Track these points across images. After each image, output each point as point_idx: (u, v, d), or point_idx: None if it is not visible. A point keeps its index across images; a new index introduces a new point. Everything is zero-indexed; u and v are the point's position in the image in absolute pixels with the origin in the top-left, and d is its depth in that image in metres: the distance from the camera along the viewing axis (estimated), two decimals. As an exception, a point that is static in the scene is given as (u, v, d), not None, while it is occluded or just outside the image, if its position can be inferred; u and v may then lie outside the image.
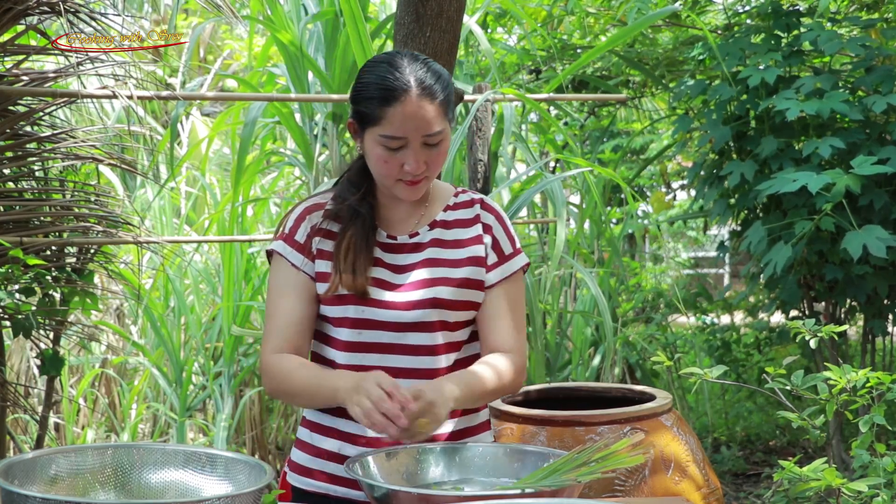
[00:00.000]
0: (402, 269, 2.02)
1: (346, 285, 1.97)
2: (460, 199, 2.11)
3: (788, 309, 4.72)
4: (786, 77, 4.36)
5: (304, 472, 2.07)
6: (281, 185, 6.14)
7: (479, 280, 2.04)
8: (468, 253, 2.04)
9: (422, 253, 2.03)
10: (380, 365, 1.98)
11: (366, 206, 2.04)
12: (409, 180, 1.96)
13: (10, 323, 3.06)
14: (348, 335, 2.00)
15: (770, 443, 5.71)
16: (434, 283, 1.99)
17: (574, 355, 5.25)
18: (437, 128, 1.93)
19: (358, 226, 2.02)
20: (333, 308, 2.00)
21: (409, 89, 1.91)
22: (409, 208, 2.08)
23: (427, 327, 1.99)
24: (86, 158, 3.24)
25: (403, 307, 1.98)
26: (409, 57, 1.97)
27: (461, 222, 2.07)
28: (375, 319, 1.98)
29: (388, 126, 1.92)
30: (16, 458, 1.50)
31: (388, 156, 1.94)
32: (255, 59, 5.39)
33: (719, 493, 2.90)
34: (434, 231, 2.06)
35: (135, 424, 5.02)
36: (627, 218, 6.06)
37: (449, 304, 2.00)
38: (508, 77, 5.91)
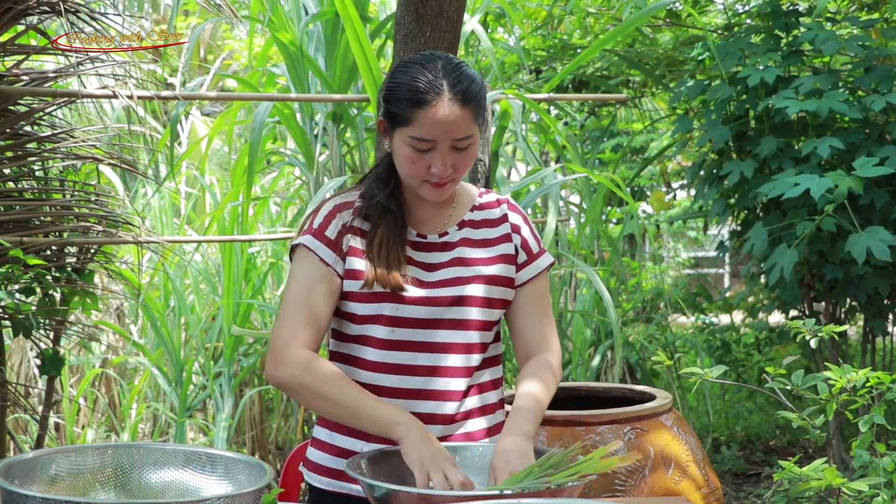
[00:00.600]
0: (434, 268, 2.03)
1: (382, 280, 1.97)
2: (485, 199, 2.14)
3: (788, 309, 4.72)
4: (785, 77, 4.36)
5: (325, 471, 2.07)
6: (281, 184, 6.14)
7: (510, 278, 2.07)
8: (498, 251, 2.07)
9: (452, 252, 2.05)
10: (412, 364, 1.99)
11: (395, 203, 2.05)
12: (436, 182, 1.97)
13: (11, 323, 3.06)
14: (384, 333, 2.01)
15: (770, 443, 5.71)
16: (467, 280, 2.01)
17: (574, 355, 5.25)
18: (466, 132, 1.94)
19: (389, 222, 2.03)
20: (367, 306, 2.00)
21: (441, 93, 1.91)
22: (437, 208, 2.09)
23: (460, 325, 2.01)
24: (86, 158, 3.24)
25: (439, 303, 1.99)
26: (443, 60, 1.97)
27: (489, 222, 2.10)
28: (411, 317, 1.99)
29: (418, 128, 1.92)
30: (16, 457, 1.50)
31: (416, 157, 1.95)
32: (255, 58, 5.39)
33: (719, 493, 2.90)
34: (463, 231, 2.08)
35: (135, 424, 5.02)
36: (627, 218, 6.06)
37: (482, 301, 2.02)
38: (508, 77, 5.91)
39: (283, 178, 5.97)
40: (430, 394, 2.00)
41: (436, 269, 2.03)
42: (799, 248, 4.06)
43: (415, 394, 1.99)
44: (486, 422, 2.08)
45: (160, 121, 6.15)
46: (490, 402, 2.09)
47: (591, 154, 6.12)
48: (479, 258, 2.05)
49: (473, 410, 2.05)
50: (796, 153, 4.27)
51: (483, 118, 2.01)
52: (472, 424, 2.05)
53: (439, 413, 2.00)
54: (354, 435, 2.03)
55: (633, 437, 2.79)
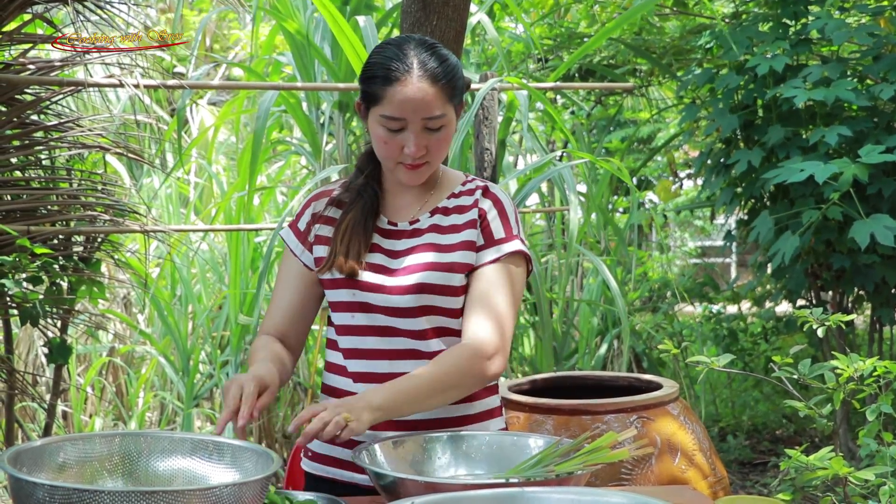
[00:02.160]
0: (399, 255, 2.02)
1: (338, 266, 1.98)
2: (466, 186, 2.10)
3: (795, 298, 4.71)
4: (793, 65, 4.35)
5: (317, 457, 2.08)
6: (287, 174, 6.14)
7: (467, 264, 2.01)
8: (461, 237, 2.02)
9: (419, 238, 2.03)
10: (378, 347, 1.99)
11: (369, 191, 2.05)
12: (410, 164, 1.96)
13: (18, 311, 3.07)
14: (342, 318, 2.02)
15: (776, 432, 5.71)
16: (424, 268, 1.99)
17: (581, 344, 5.25)
18: (436, 112, 1.92)
19: (359, 209, 2.03)
20: (330, 292, 2.03)
21: (409, 70, 1.91)
22: (414, 195, 2.07)
23: (415, 312, 1.98)
24: (92, 147, 3.24)
25: (394, 292, 1.98)
26: (417, 41, 1.97)
27: (460, 208, 2.06)
28: (368, 303, 1.99)
29: (388, 106, 1.92)
30: (24, 445, 1.50)
31: (388, 137, 1.94)
32: (261, 47, 5.38)
33: (726, 482, 2.90)
34: (434, 217, 2.05)
35: (142, 413, 5.03)
36: (634, 208, 6.05)
37: (437, 288, 1.98)
38: (515, 66, 5.89)
39: (289, 167, 5.97)
40: (393, 378, 1.97)
41: (400, 255, 2.02)
42: (804, 237, 4.05)
43: (380, 378, 1.98)
44: (464, 409, 2.03)
45: (166, 110, 6.15)
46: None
47: (598, 143, 6.11)
48: (444, 245, 2.01)
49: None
50: (804, 142, 4.26)
51: (459, 101, 1.99)
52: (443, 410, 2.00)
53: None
54: None
55: (640, 426, 2.79)
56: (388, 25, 4.66)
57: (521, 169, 4.62)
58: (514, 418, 2.89)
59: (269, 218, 5.57)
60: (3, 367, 3.18)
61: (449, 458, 1.88)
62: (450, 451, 1.88)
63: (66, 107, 3.42)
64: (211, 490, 1.34)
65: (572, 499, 1.40)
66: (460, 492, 1.44)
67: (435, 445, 1.88)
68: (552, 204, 5.96)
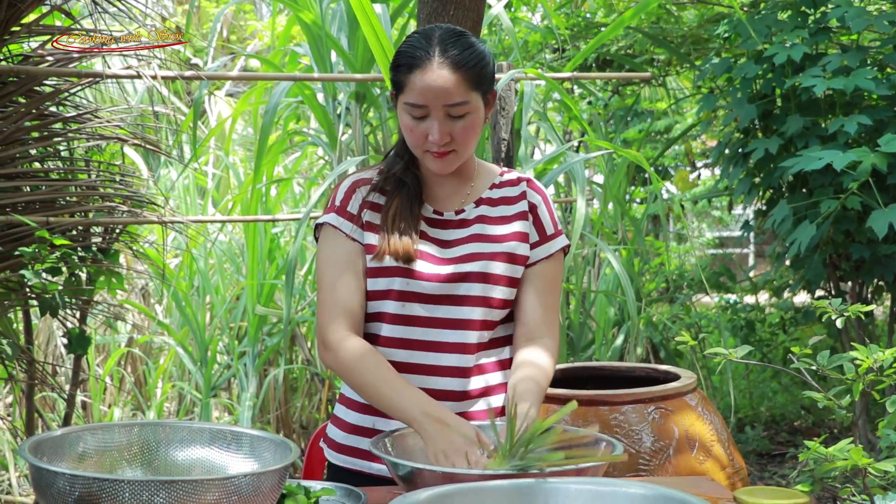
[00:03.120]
0: (448, 245, 2.02)
1: (393, 250, 1.97)
2: (506, 177, 2.12)
3: (814, 288, 4.68)
4: (812, 54, 4.31)
5: (340, 448, 2.08)
6: (304, 165, 6.15)
7: (522, 255, 2.04)
8: (513, 228, 2.04)
9: (468, 229, 2.04)
10: (422, 339, 1.99)
11: (410, 177, 2.06)
12: (436, 152, 1.96)
13: (38, 302, 3.09)
14: (394, 308, 2.01)
15: (795, 423, 5.69)
16: (480, 257, 2.00)
17: (597, 335, 5.24)
18: (457, 99, 1.91)
19: (403, 194, 2.03)
20: (378, 280, 2.01)
21: (431, 57, 1.91)
22: (455, 185, 2.08)
23: (470, 301, 1.99)
24: (111, 138, 3.25)
25: (449, 279, 1.98)
26: (445, 30, 1.97)
27: (507, 199, 2.08)
28: (421, 292, 1.99)
29: (410, 93, 1.93)
30: (44, 435, 1.51)
31: (413, 124, 1.95)
32: (278, 38, 5.39)
33: (744, 473, 2.89)
34: (480, 208, 2.06)
35: (160, 403, 5.06)
36: (651, 198, 6.02)
37: (494, 278, 2.00)
38: (532, 56, 5.88)
39: (306, 158, 5.97)
40: (437, 369, 1.99)
41: (451, 245, 2.02)
42: (822, 226, 4.02)
43: (422, 369, 1.99)
44: (482, 402, 2.05)
45: (184, 101, 6.17)
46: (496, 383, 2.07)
47: (615, 133, 6.09)
48: (495, 235, 2.03)
49: (484, 388, 2.04)
50: (823, 132, 4.23)
51: (487, 89, 1.98)
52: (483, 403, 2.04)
53: (447, 389, 2.00)
54: (365, 411, 2.04)
55: (658, 417, 2.78)
56: (405, 16, 4.65)
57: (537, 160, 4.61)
58: (532, 409, 2.88)
59: (286, 209, 5.58)
60: (23, 358, 3.20)
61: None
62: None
63: (84, 98, 3.43)
64: (230, 479, 1.35)
65: (591, 489, 1.40)
66: (478, 482, 1.44)
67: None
68: (569, 194, 5.95)
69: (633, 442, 2.73)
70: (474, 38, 1.99)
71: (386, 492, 1.83)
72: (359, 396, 2.04)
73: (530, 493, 1.40)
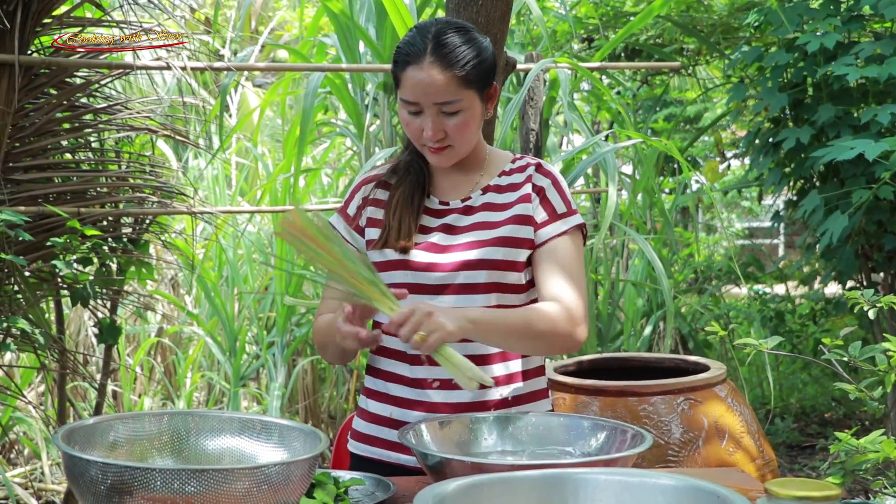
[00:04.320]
0: (454, 232, 2.02)
1: (392, 244, 1.99)
2: (517, 164, 2.10)
3: (845, 279, 4.64)
4: (845, 43, 4.27)
5: (362, 438, 2.09)
6: (332, 155, 6.16)
7: (522, 238, 2.01)
8: (513, 212, 2.02)
9: (472, 217, 2.03)
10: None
11: (415, 166, 2.07)
12: (433, 147, 1.96)
13: (69, 292, 3.11)
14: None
15: (825, 415, 5.65)
16: (482, 244, 1.99)
17: (626, 325, 5.22)
18: (447, 97, 1.90)
19: (407, 185, 2.05)
20: (383, 275, 2.00)
21: (422, 55, 1.90)
22: (462, 176, 2.08)
23: (475, 289, 1.98)
24: (140, 129, 3.27)
25: (451, 269, 1.98)
26: (443, 24, 1.95)
27: (513, 186, 2.06)
28: (425, 284, 1.99)
29: (403, 90, 1.93)
30: (77, 423, 1.52)
31: (409, 119, 1.96)
32: (306, 29, 5.39)
33: (774, 465, 2.88)
34: (487, 195, 2.05)
35: (190, 393, 5.09)
36: (680, 188, 5.99)
37: (494, 263, 1.98)
38: (560, 45, 5.85)
39: (334, 148, 5.99)
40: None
41: (456, 233, 2.02)
42: (854, 217, 3.99)
43: (430, 360, 1.99)
44: (526, 387, 2.04)
45: (212, 92, 6.19)
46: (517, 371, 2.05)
47: (644, 123, 6.05)
48: (496, 221, 2.02)
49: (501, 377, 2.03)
50: (855, 121, 4.18)
51: (483, 86, 1.96)
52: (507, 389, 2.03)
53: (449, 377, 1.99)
54: (383, 400, 2.05)
55: (687, 408, 2.77)
56: (433, 6, 4.64)
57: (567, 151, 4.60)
58: (561, 400, 2.88)
59: (314, 199, 5.60)
60: (55, 348, 3.23)
61: (496, 438, 1.88)
62: (496, 431, 1.88)
63: (114, 89, 3.45)
64: (260, 469, 1.35)
65: (620, 480, 1.39)
66: (507, 472, 1.44)
67: (481, 426, 1.88)
68: (597, 185, 5.93)
69: (662, 433, 2.72)
70: (475, 32, 1.97)
71: (414, 482, 1.84)
72: (378, 386, 2.06)
73: (559, 484, 1.40)
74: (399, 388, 2.02)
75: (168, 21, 3.44)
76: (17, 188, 3.00)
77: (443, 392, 1.98)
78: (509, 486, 1.39)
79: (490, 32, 2.78)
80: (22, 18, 2.89)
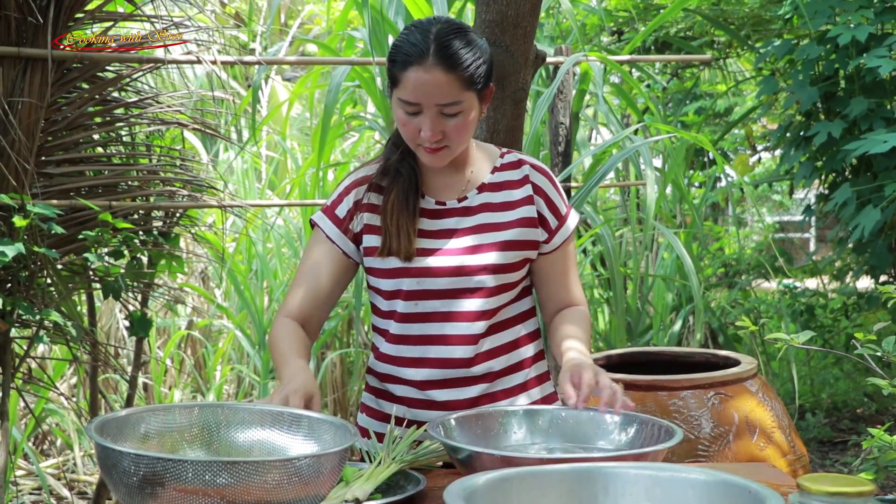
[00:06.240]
0: (453, 234, 2.01)
1: (395, 252, 1.98)
2: (507, 159, 2.09)
3: (878, 273, 4.60)
4: (878, 35, 4.22)
5: (374, 413, 2.11)
6: (361, 149, 6.17)
7: (531, 241, 2.03)
8: (518, 214, 2.03)
9: (472, 218, 2.02)
10: (435, 333, 2.00)
11: (406, 167, 2.04)
12: (428, 147, 1.94)
13: (101, 285, 3.14)
14: (404, 307, 2.01)
15: (857, 410, 5.60)
16: (486, 248, 1.99)
17: (655, 320, 5.20)
18: (449, 99, 1.89)
19: (400, 187, 2.02)
20: (386, 281, 2.01)
21: (425, 56, 1.87)
22: (452, 173, 2.06)
23: (479, 292, 1.99)
24: (171, 123, 3.29)
25: (455, 273, 1.98)
26: (443, 24, 1.93)
27: (510, 184, 2.06)
28: (431, 289, 1.99)
29: (403, 90, 1.90)
30: (109, 415, 1.54)
31: (406, 119, 1.93)
32: (335, 22, 5.40)
33: (805, 461, 2.86)
34: (483, 195, 2.04)
35: (220, 386, 5.12)
36: (710, 182, 5.95)
37: (502, 267, 1.99)
38: (589, 39, 5.83)
39: (363, 142, 5.99)
40: (445, 362, 2.01)
41: (456, 235, 2.01)
42: (887, 210, 3.94)
43: (433, 363, 2.01)
44: (521, 377, 2.07)
45: (242, 85, 6.22)
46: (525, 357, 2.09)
47: (674, 117, 6.02)
48: (500, 223, 2.02)
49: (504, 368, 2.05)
50: (888, 113, 4.14)
51: (483, 86, 1.94)
52: (537, 392, 2.06)
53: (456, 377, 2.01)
54: (383, 397, 2.09)
55: (717, 403, 2.76)
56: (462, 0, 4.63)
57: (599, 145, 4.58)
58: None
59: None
60: (87, 340, 3.25)
61: (524, 432, 1.88)
62: (525, 425, 1.88)
63: (145, 84, 3.47)
64: (291, 461, 1.36)
65: (650, 474, 1.39)
66: (536, 466, 1.44)
67: (511, 420, 1.88)
68: (626, 178, 5.90)
69: (692, 428, 2.71)
70: (473, 33, 1.95)
71: (443, 475, 1.84)
72: (375, 382, 2.10)
73: (589, 478, 1.40)
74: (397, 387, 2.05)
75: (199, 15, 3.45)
76: (50, 182, 3.03)
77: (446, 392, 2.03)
78: (539, 480, 1.39)
79: (520, 26, 2.77)
80: (55, 13, 2.91)
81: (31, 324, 3.00)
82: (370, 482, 1.67)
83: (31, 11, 2.83)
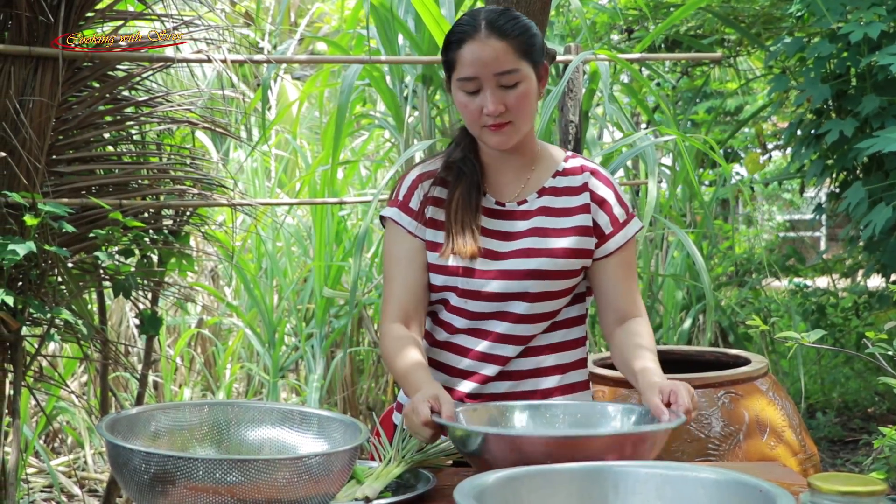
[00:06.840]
0: (510, 237, 2.02)
1: (459, 251, 1.99)
2: (570, 164, 2.10)
3: (889, 272, 4.58)
4: (890, 32, 4.20)
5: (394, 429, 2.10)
6: (371, 147, 6.17)
7: (586, 249, 2.04)
8: (575, 222, 2.04)
9: (529, 221, 2.03)
10: (492, 330, 2.01)
11: (469, 164, 2.06)
12: (492, 124, 1.96)
13: (111, 283, 3.14)
14: (457, 302, 2.03)
15: (868, 410, 5.59)
16: (539, 253, 2.00)
17: (665, 319, 5.19)
18: (507, 66, 1.93)
19: (463, 185, 2.04)
20: (440, 277, 2.03)
21: (478, 29, 1.93)
22: (516, 171, 2.07)
23: (530, 297, 2.00)
24: (181, 122, 3.29)
25: (507, 277, 1.98)
26: (489, 7, 2.00)
27: (570, 190, 2.06)
28: (480, 290, 2.00)
29: (461, 68, 1.95)
30: (120, 413, 1.54)
31: (468, 101, 1.96)
32: (345, 21, 5.40)
33: (816, 460, 2.85)
34: (542, 199, 2.05)
35: (229, 384, 5.13)
36: (720, 180, 5.93)
37: (552, 274, 2.00)
38: (599, 37, 5.82)
39: (372, 140, 6.00)
40: (496, 359, 2.02)
41: (512, 238, 2.02)
42: (899, 209, 3.93)
43: (483, 357, 2.02)
44: (555, 381, 2.07)
45: (251, 85, 6.22)
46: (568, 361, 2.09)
47: (684, 116, 6.00)
48: (556, 229, 2.03)
49: (549, 368, 2.05)
50: (900, 112, 4.12)
51: (537, 60, 1.98)
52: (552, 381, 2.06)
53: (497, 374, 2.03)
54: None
55: (728, 402, 2.75)
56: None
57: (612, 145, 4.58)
58: (600, 392, 2.87)
59: (352, 191, 5.61)
60: (97, 338, 3.26)
61: (527, 423, 1.88)
62: (529, 416, 1.89)
63: (155, 82, 3.48)
64: (301, 459, 1.36)
65: (660, 473, 1.39)
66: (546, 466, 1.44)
67: (515, 412, 1.89)
68: (637, 176, 5.89)
69: (702, 427, 2.70)
70: (517, 12, 2.01)
71: (453, 474, 1.84)
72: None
73: (600, 477, 1.40)
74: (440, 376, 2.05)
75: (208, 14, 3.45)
76: (61, 180, 3.03)
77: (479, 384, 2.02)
78: (549, 479, 1.39)
79: (529, 24, 2.77)
80: (65, 12, 2.92)
81: (42, 322, 3.01)
82: (380, 480, 1.67)
83: (41, 10, 2.84)
